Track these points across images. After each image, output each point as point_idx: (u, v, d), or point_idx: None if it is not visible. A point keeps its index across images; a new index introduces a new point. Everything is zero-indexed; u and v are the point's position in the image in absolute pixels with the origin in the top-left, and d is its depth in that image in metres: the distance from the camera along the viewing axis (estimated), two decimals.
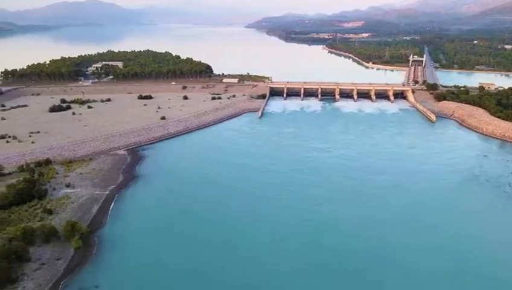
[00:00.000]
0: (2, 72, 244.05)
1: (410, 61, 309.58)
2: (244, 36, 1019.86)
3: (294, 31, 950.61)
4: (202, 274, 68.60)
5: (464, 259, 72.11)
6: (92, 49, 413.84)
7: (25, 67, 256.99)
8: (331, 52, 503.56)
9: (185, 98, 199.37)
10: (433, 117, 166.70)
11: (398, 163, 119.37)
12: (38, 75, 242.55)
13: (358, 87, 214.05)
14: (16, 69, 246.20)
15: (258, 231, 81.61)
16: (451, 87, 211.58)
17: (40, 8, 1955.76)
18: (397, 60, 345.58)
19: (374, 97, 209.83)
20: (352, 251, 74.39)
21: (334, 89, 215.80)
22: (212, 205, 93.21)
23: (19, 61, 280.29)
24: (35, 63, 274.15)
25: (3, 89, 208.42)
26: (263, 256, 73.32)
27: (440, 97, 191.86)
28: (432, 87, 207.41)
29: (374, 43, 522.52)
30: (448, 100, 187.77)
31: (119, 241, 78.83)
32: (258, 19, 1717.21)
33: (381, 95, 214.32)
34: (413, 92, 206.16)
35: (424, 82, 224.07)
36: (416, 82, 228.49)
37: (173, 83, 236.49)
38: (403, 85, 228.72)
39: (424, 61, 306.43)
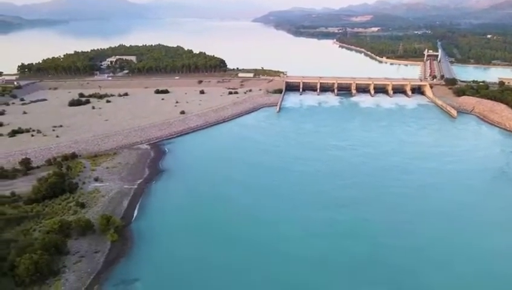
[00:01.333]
0: (18, 66, 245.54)
1: (425, 56, 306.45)
2: (253, 30, 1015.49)
3: (303, 25, 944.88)
4: (234, 268, 68.97)
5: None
6: (102, 44, 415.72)
7: (41, 62, 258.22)
8: (342, 47, 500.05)
9: (202, 92, 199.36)
10: (454, 112, 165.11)
11: (425, 162, 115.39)
12: (54, 70, 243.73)
13: (375, 82, 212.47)
14: (32, 63, 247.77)
15: (286, 229, 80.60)
16: (469, 82, 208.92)
17: (47, 2, 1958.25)
18: (411, 55, 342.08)
19: (391, 92, 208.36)
20: (386, 254, 72.79)
21: (351, 83, 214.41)
22: (238, 200, 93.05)
23: (32, 56, 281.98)
24: (50, 57, 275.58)
25: (21, 83, 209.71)
26: (292, 255, 72.64)
27: (459, 92, 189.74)
28: (451, 82, 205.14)
29: (385, 38, 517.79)
30: (468, 95, 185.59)
31: (152, 234, 79.38)
32: (264, 13, 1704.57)
33: (398, 90, 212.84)
34: (431, 87, 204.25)
35: (442, 77, 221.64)
36: (434, 77, 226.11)
37: (181, 78, 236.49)
38: (420, 80, 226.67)
39: (439, 56, 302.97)
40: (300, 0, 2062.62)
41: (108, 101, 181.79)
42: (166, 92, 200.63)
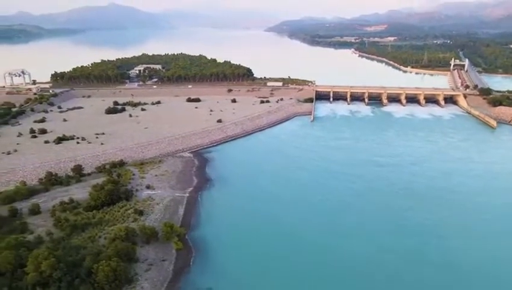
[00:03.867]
0: (52, 75, 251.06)
1: (452, 66, 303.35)
2: (268, 40, 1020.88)
3: (318, 35, 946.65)
4: (299, 274, 69.17)
5: None
6: (124, 52, 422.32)
7: (71, 70, 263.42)
8: (362, 56, 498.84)
9: (233, 101, 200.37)
10: (493, 123, 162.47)
11: (483, 181, 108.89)
12: (86, 78, 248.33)
13: (406, 92, 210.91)
14: (64, 72, 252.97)
15: (345, 239, 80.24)
16: (503, 92, 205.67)
17: (63, 12, 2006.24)
18: (436, 64, 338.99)
19: (423, 102, 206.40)
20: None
21: (382, 93, 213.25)
22: (292, 209, 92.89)
23: (60, 64, 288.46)
24: (80, 66, 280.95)
25: (56, 91, 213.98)
26: (353, 263, 72.40)
27: (495, 102, 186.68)
28: (485, 92, 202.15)
29: (406, 47, 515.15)
30: (504, 105, 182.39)
31: (213, 243, 79.49)
32: (276, 23, 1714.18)
33: (430, 100, 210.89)
34: (464, 96, 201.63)
35: (476, 87, 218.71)
36: (467, 87, 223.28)
37: (209, 86, 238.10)
38: (453, 90, 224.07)
39: (465, 66, 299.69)
40: (311, 10, 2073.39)
41: (143, 109, 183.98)
42: (198, 100, 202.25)
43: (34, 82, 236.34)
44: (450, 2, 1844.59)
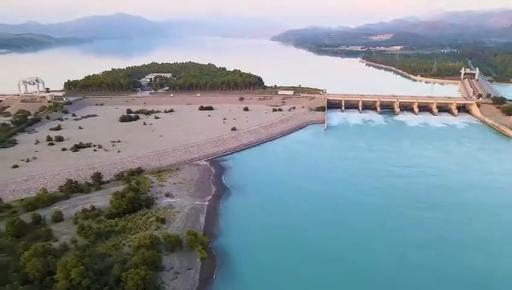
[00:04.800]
0: (65, 83, 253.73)
1: (462, 75, 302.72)
2: (274, 48, 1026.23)
3: (324, 44, 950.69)
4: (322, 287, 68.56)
5: None
6: (132, 61, 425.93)
7: (84, 78, 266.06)
8: (369, 65, 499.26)
9: (246, 109, 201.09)
10: (509, 132, 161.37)
11: (505, 193, 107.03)
12: (98, 86, 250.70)
13: (419, 100, 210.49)
14: (77, 80, 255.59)
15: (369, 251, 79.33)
16: None
17: (71, 21, 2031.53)
18: (445, 73, 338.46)
19: (435, 110, 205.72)
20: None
21: (394, 102, 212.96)
22: (312, 222, 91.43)
23: (71, 72, 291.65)
24: (91, 74, 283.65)
25: (70, 99, 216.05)
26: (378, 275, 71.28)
27: (509, 111, 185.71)
28: (499, 101, 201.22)
29: (413, 56, 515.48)
30: None
31: (237, 252, 79.08)
32: (281, 32, 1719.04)
33: (443, 109, 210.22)
34: (478, 105, 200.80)
35: (489, 96, 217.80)
36: (479, 96, 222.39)
37: (220, 94, 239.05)
38: (465, 98, 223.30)
39: (476, 75, 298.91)
40: (316, 19, 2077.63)
41: (157, 117, 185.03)
42: (210, 108, 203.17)
43: (48, 90, 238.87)
44: (454, 11, 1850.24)
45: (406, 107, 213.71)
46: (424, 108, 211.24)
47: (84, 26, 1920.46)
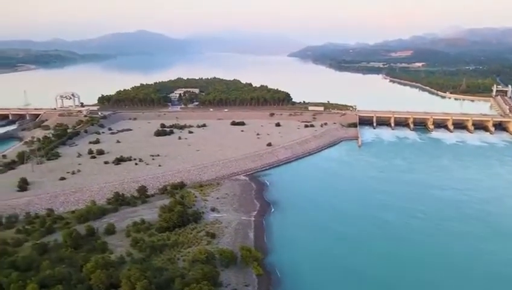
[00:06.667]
0: (99, 98, 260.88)
1: (494, 92, 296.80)
2: (294, 65, 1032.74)
3: (344, 60, 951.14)
4: None
5: None
6: (156, 76, 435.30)
7: (116, 93, 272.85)
8: (393, 81, 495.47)
9: (277, 125, 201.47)
10: None
11: None
12: (130, 101, 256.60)
13: (453, 117, 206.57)
14: (110, 95, 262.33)
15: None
16: None
17: (95, 38, 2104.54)
18: (475, 90, 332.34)
19: (471, 128, 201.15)
20: None
21: (427, 118, 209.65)
22: (357, 245, 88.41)
23: (100, 87, 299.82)
24: (122, 89, 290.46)
25: (105, 113, 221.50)
26: None
27: None
28: None
29: (439, 73, 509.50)
30: None
31: (291, 269, 78.02)
32: (299, 48, 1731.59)
33: (478, 126, 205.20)
34: None
35: None
36: None
37: (250, 110, 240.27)
38: (501, 116, 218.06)
39: (508, 92, 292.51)
40: (333, 35, 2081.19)
41: (190, 132, 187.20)
42: (242, 124, 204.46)
43: (82, 104, 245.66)
44: (475, 28, 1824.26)
45: (440, 124, 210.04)
46: (459, 125, 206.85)
47: (107, 43, 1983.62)
